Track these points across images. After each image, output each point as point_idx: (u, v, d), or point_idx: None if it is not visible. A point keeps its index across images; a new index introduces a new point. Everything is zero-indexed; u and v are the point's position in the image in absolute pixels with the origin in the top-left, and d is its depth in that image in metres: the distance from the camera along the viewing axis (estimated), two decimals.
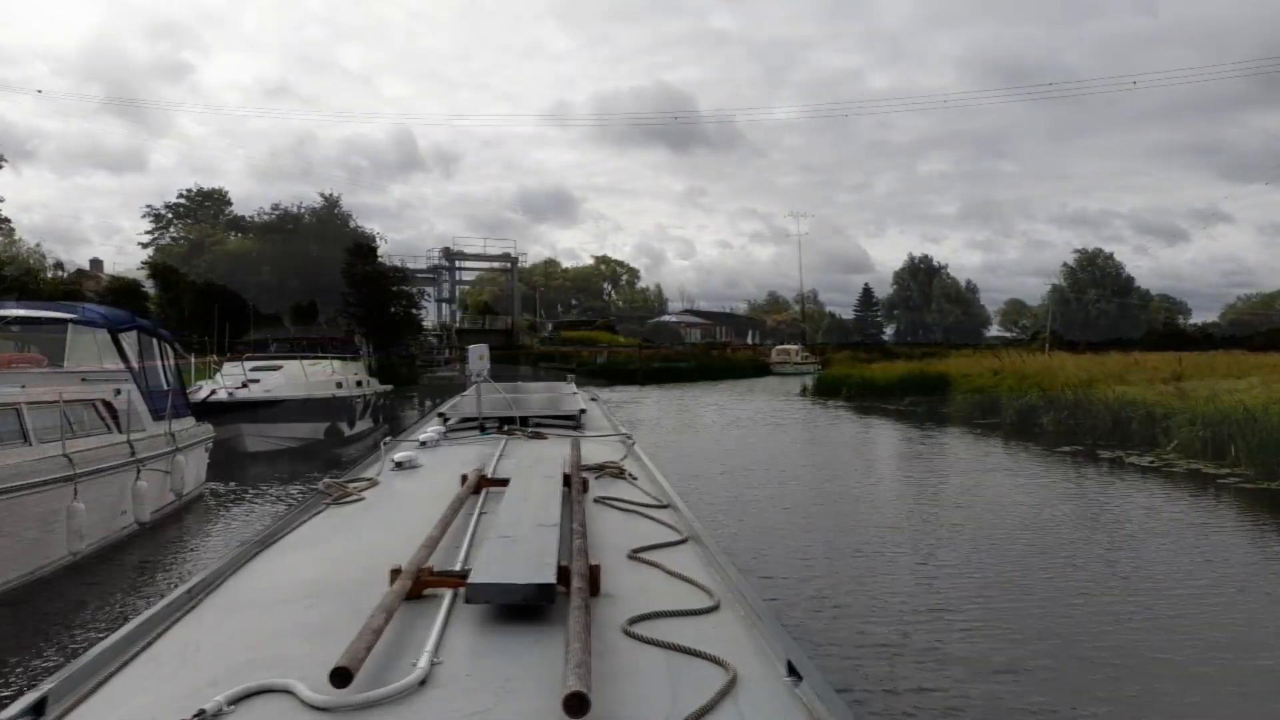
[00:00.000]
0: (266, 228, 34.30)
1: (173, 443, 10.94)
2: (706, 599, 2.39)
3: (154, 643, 2.13)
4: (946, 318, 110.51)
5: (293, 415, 17.73)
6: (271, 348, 21.20)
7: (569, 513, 3.04)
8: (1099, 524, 10.96)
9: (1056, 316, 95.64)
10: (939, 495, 13.26)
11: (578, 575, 2.19)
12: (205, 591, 2.55)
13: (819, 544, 9.82)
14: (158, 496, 10.58)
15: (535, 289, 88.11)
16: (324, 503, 3.77)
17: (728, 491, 13.20)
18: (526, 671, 1.82)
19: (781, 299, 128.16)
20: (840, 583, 8.21)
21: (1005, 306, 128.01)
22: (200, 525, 11.20)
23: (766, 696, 1.80)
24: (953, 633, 6.80)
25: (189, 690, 1.75)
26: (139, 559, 9.20)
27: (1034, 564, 8.95)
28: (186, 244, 39.97)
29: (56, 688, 1.81)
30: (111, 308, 12.41)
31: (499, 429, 5.95)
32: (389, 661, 1.84)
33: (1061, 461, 16.73)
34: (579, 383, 11.54)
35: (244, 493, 13.80)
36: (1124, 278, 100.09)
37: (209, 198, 50.33)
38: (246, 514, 12.26)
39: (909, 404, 29.91)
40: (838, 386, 36.19)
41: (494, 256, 61.28)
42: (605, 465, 4.43)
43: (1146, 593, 7.95)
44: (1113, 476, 14.90)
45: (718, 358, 67.43)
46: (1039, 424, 22.29)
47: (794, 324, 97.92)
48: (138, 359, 10.99)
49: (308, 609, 2.31)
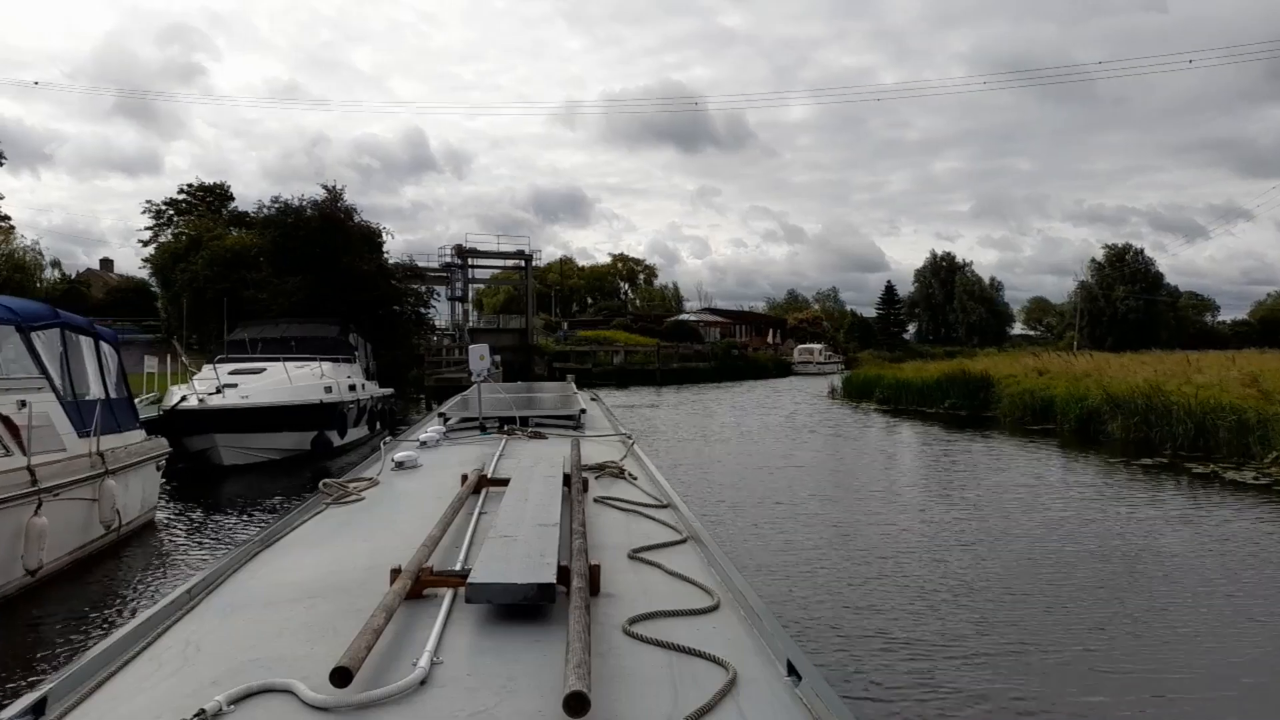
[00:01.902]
0: (266, 222, 32.48)
1: (101, 464, 9.01)
2: (706, 599, 2.39)
3: (154, 642, 2.12)
4: (970, 316, 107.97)
5: (273, 424, 15.81)
6: (258, 348, 19.25)
7: (569, 512, 3.07)
8: (1230, 567, 8.84)
9: (1084, 314, 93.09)
10: (1028, 529, 11.14)
11: (578, 575, 2.21)
12: (205, 591, 2.53)
13: (901, 612, 7.77)
14: (77, 532, 8.66)
15: (551, 288, 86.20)
16: (324, 502, 3.74)
17: (776, 531, 11.14)
18: (527, 671, 1.83)
19: (801, 297, 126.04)
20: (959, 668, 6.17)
21: (1029, 304, 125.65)
22: (124, 567, 9.19)
23: (767, 696, 1.80)
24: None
25: (190, 690, 1.76)
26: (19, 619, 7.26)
27: (1181, 619, 6.88)
28: (186, 240, 38.20)
29: (57, 687, 1.82)
30: (40, 302, 10.46)
31: (499, 429, 5.97)
32: (389, 661, 1.85)
33: (1148, 478, 14.55)
34: (594, 385, 10.66)
35: (207, 516, 11.88)
36: (1153, 274, 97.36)
37: (210, 192, 48.77)
38: (198, 544, 10.34)
39: (949, 408, 27.73)
40: (869, 389, 34.00)
41: (508, 254, 59.21)
42: (605, 465, 4.40)
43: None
44: (1217, 496, 12.75)
45: (738, 357, 65.19)
46: (1103, 431, 20.12)
47: (816, 322, 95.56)
48: (59, 363, 9.07)
49: (308, 609, 2.32)
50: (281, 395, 16.06)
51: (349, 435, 18.18)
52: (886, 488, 13.92)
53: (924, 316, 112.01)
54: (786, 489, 13.56)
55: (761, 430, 23.56)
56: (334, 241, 30.95)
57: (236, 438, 15.38)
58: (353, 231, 32.46)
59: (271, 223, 32.81)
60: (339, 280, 29.60)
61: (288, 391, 16.24)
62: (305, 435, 16.64)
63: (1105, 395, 20.67)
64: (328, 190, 33.02)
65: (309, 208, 32.23)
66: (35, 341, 8.65)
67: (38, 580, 7.77)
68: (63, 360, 9.15)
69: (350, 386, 18.75)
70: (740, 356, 66.05)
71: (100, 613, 7.56)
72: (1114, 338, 78.99)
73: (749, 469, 16.03)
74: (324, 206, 32.36)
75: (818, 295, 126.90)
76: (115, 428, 10.00)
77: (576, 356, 56.99)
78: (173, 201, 48.97)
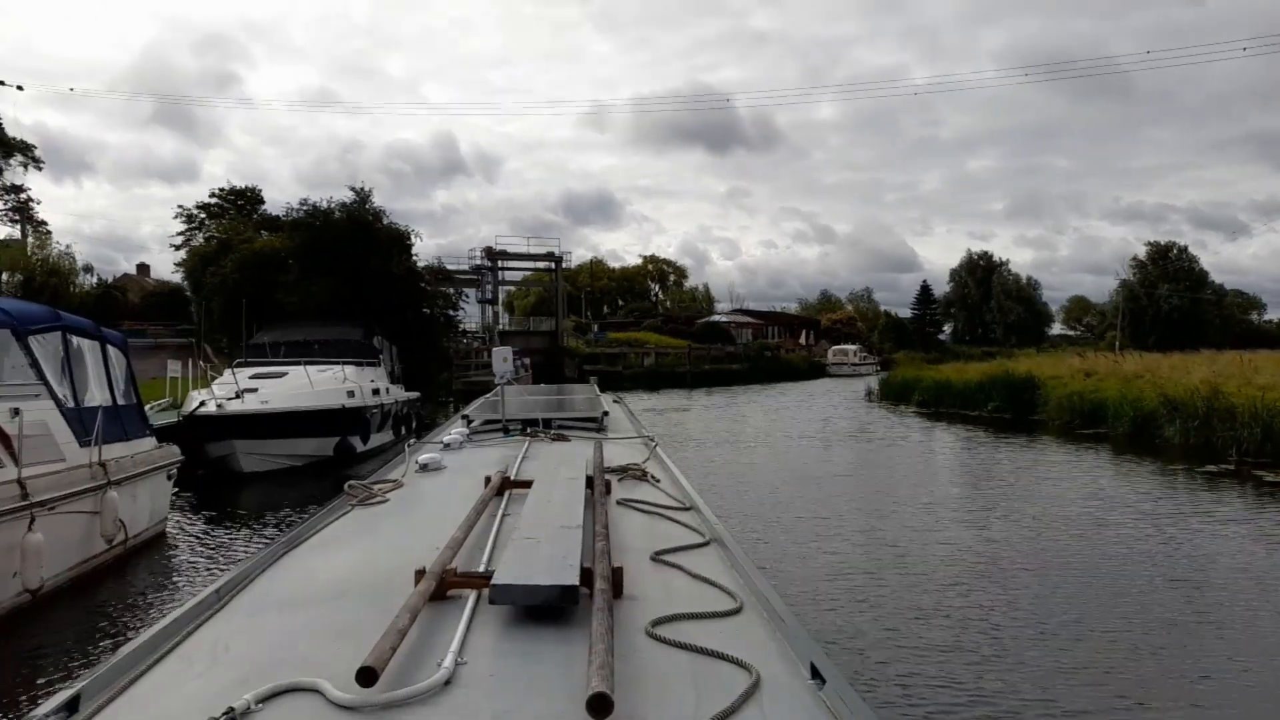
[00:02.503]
0: (295, 225, 32.26)
1: (103, 475, 8.51)
2: (729, 601, 2.38)
3: (184, 642, 2.14)
4: (1007, 316, 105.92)
5: (294, 429, 15.35)
6: (280, 351, 18.81)
7: (592, 515, 3.06)
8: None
9: (1126, 314, 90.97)
10: (1093, 547, 10.32)
11: (601, 577, 2.20)
12: (233, 591, 2.55)
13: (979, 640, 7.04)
14: (77, 547, 8.16)
15: (581, 290, 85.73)
16: (349, 504, 3.74)
17: (822, 550, 10.44)
18: (550, 672, 1.84)
19: (834, 298, 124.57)
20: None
21: (1068, 303, 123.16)
22: (127, 584, 8.69)
23: (790, 699, 1.79)
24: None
25: (218, 689, 1.77)
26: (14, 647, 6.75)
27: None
28: (215, 244, 38.12)
29: (89, 685, 1.84)
30: (44, 305, 10.02)
31: (522, 431, 5.98)
32: (414, 661, 1.86)
33: (1215, 487, 13.64)
34: (624, 388, 10.66)
35: (220, 526, 11.40)
36: (1197, 272, 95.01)
37: (241, 196, 48.77)
38: (207, 557, 9.82)
39: (992, 411, 26.75)
40: (908, 391, 33.06)
41: (538, 255, 58.85)
42: (628, 467, 4.38)
43: None
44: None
45: (771, 359, 64.23)
46: (1159, 435, 19.13)
47: (850, 323, 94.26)
48: (60, 369, 8.59)
49: (334, 609, 2.34)
50: (303, 400, 15.59)
51: (373, 440, 17.71)
52: (936, 500, 13.12)
53: (960, 316, 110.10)
54: (828, 501, 12.83)
55: (798, 436, 22.79)
56: (362, 244, 30.63)
57: (256, 444, 14.93)
58: (381, 234, 32.13)
59: (300, 225, 32.57)
60: (368, 283, 29.25)
61: (309, 396, 15.78)
62: (328, 441, 16.18)
63: (1162, 397, 19.66)
64: (355, 192, 32.75)
65: (337, 210, 31.96)
66: (33, 346, 8.16)
67: (37, 599, 7.27)
68: (63, 365, 8.67)
69: (374, 390, 18.27)
70: (773, 358, 65.11)
71: (94, 634, 7.03)
72: (1157, 337, 76.97)
73: (787, 479, 15.30)
74: (352, 209, 32.06)
75: (851, 295, 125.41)
76: (122, 436, 9.51)
77: (607, 359, 56.44)
78: (204, 205, 49.02)
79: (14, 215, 48.47)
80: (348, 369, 17.54)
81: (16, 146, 49.92)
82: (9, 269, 41.38)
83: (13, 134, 47.53)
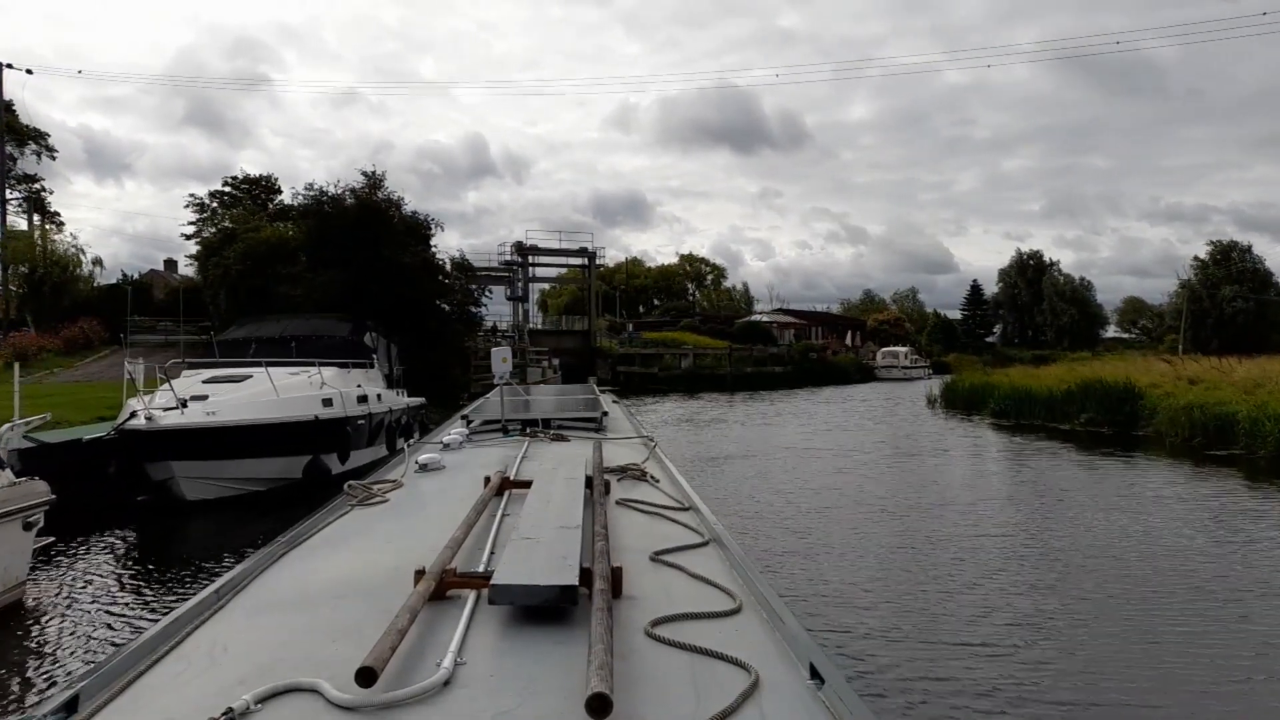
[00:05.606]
0: (303, 211, 29.61)
1: None
2: (729, 601, 2.36)
3: (183, 642, 2.12)
4: (1060, 318, 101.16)
5: (250, 448, 12.33)
6: (250, 349, 15.80)
7: (591, 515, 3.06)
8: None
9: (1188, 316, 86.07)
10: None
11: (600, 577, 2.19)
12: (233, 592, 2.51)
13: None
14: None
15: (616, 288, 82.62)
16: (349, 504, 3.71)
17: (963, 625, 7.18)
18: (549, 672, 1.83)
19: (879, 298, 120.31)
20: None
21: (1123, 305, 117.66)
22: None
23: (789, 699, 1.78)
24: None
25: (217, 689, 1.76)
26: None
27: None
28: (222, 234, 35.57)
29: (88, 685, 1.81)
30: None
31: (521, 431, 6.01)
32: (413, 661, 1.86)
33: None
34: (660, 392, 8.71)
35: (112, 588, 8.36)
36: (1261, 273, 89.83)
37: (256, 184, 46.25)
38: (72, 634, 6.75)
39: (1086, 424, 23.15)
40: (980, 399, 29.44)
41: (570, 251, 55.90)
42: (627, 467, 4.36)
43: None
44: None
45: (817, 361, 60.56)
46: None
47: (898, 324, 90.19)
48: None
49: (333, 609, 2.31)
50: (261, 411, 12.55)
51: (356, 458, 14.57)
52: (1072, 544, 9.75)
53: (1009, 318, 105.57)
54: (933, 546, 9.53)
55: (871, 455, 19.38)
56: (374, 232, 27.79)
57: (201, 466, 11.94)
58: (395, 222, 29.29)
59: (308, 212, 29.88)
60: (379, 274, 26.38)
61: (271, 405, 12.73)
62: (296, 461, 13.13)
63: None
64: (367, 176, 29.93)
65: (348, 195, 29.20)
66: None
67: None
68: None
69: (361, 397, 15.18)
70: (819, 360, 61.37)
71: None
72: (1219, 340, 72.45)
73: (875, 517, 12.00)
74: (363, 194, 29.27)
75: (895, 295, 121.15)
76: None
77: (642, 360, 53.32)
78: (217, 194, 46.58)
79: (23, 205, 46.39)
80: (326, 371, 14.44)
81: (30, 135, 47.99)
82: (14, 260, 39.26)
83: (43, 128, 45.67)
